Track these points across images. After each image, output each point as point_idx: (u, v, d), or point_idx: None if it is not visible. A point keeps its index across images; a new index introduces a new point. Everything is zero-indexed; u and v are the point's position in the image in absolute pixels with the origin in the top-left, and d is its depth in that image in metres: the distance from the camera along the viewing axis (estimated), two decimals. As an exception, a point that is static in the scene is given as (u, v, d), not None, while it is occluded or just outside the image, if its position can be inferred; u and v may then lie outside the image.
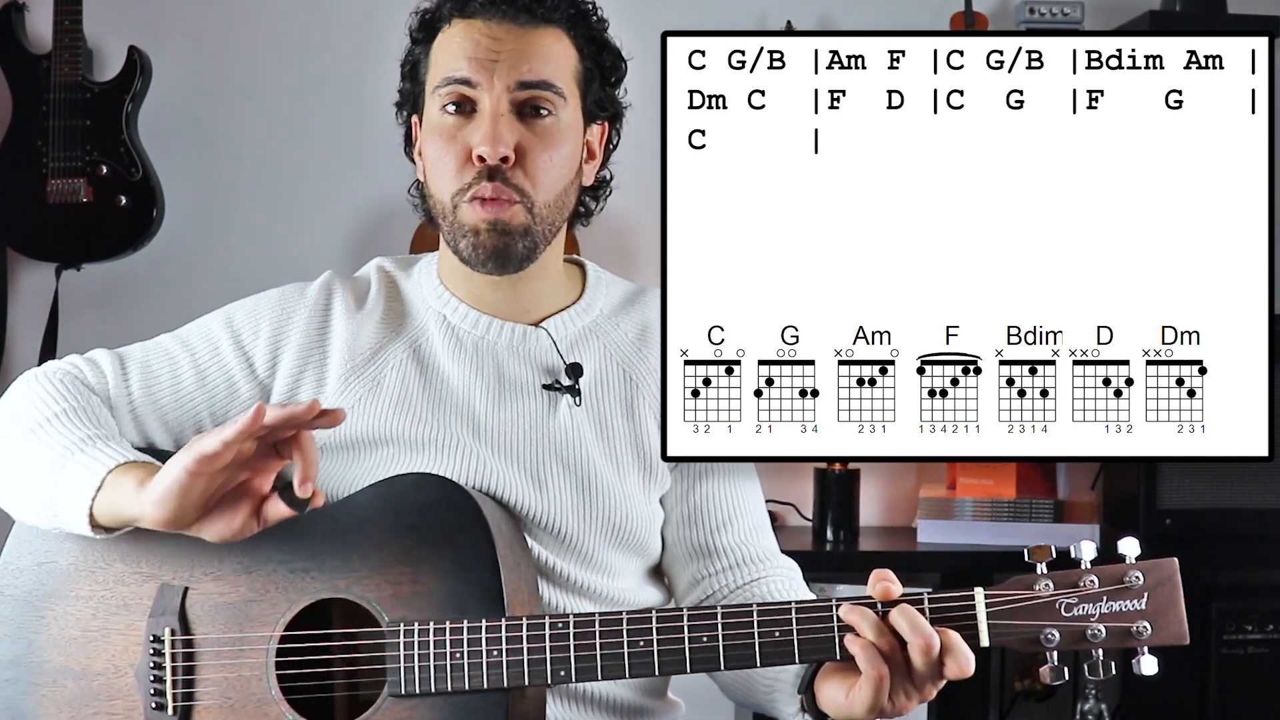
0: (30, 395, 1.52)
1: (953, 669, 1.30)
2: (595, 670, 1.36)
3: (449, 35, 1.53)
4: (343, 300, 1.59)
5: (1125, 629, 1.31)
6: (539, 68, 1.51)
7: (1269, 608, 3.06)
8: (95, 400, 1.53)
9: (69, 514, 1.42)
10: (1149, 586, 1.31)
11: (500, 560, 1.40)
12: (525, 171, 1.50)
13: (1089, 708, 3.17)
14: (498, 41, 1.50)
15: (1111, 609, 1.31)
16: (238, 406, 1.56)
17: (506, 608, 1.39)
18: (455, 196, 1.51)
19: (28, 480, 1.46)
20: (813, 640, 1.34)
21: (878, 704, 1.32)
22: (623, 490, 1.57)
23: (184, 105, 3.32)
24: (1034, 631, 1.31)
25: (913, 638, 1.30)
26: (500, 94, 1.49)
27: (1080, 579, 1.32)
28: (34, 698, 1.48)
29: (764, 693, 1.52)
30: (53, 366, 1.58)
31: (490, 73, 1.49)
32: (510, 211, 1.50)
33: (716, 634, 1.35)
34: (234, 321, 1.59)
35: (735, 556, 1.61)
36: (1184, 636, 1.31)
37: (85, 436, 1.44)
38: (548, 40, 1.52)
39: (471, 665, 1.37)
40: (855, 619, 1.32)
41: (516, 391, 1.57)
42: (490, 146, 1.48)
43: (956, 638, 1.30)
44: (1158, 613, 1.31)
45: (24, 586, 1.51)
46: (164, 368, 1.57)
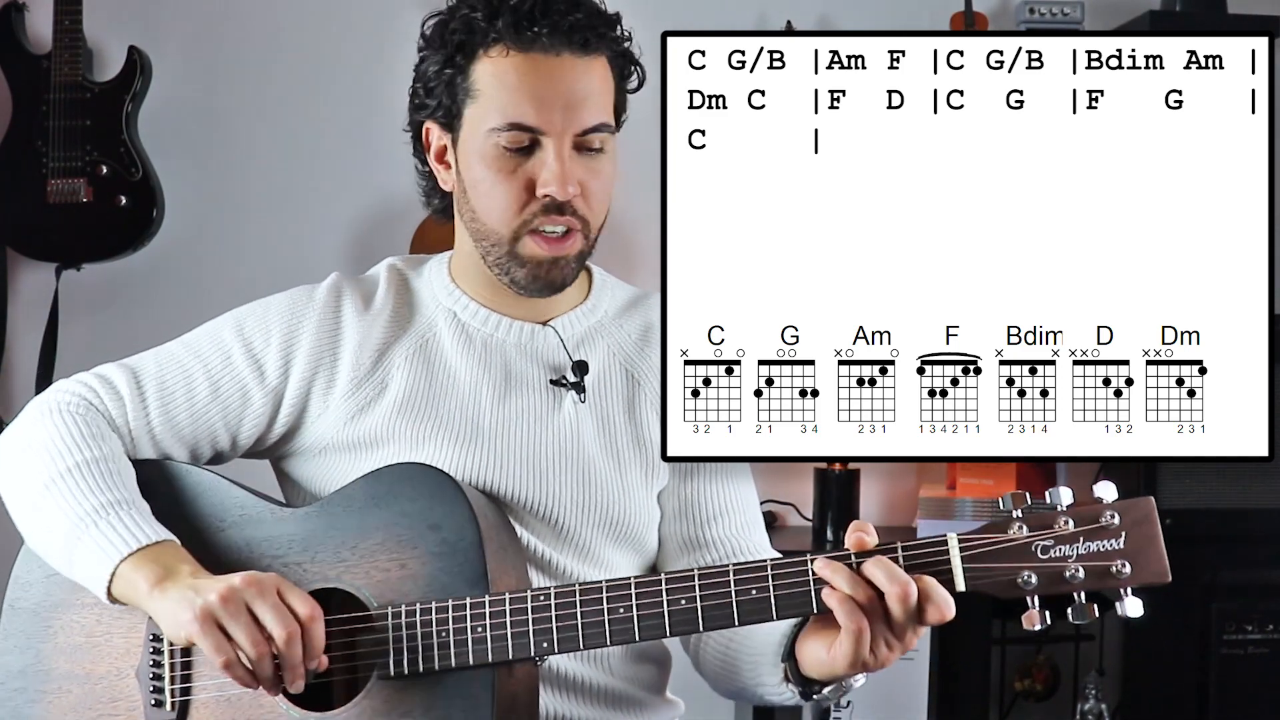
0: (53, 434, 1.52)
1: (933, 614, 1.30)
2: (577, 639, 1.38)
3: (503, 66, 1.51)
4: (352, 302, 1.60)
5: (1104, 568, 1.30)
6: (596, 110, 1.52)
7: (1269, 608, 3.06)
8: (116, 445, 1.53)
9: (85, 582, 1.46)
10: (1126, 526, 1.30)
11: (484, 543, 1.42)
12: (587, 203, 1.54)
13: (1089, 708, 3.17)
14: (557, 81, 1.50)
15: (1089, 549, 1.30)
16: (251, 415, 1.57)
17: (490, 588, 1.40)
18: (517, 229, 1.53)
19: (47, 529, 1.48)
20: (789, 596, 1.35)
21: (859, 657, 1.32)
22: (623, 486, 1.58)
23: (184, 105, 3.32)
24: (1010, 574, 1.30)
25: (889, 586, 1.30)
26: (566, 138, 1.51)
27: (1055, 520, 1.31)
28: (40, 705, 1.50)
29: (749, 671, 1.52)
30: (71, 397, 1.56)
31: (555, 118, 1.50)
32: (570, 244, 1.54)
33: (695, 595, 1.36)
34: (245, 329, 1.59)
35: (725, 550, 1.62)
36: (1165, 574, 1.30)
37: (103, 504, 1.45)
38: (596, 73, 1.53)
39: (457, 643, 1.39)
40: (829, 573, 1.32)
41: (522, 387, 1.58)
42: (560, 188, 1.50)
43: (933, 582, 1.31)
44: (1137, 551, 1.30)
45: (33, 599, 1.52)
46: (179, 384, 1.57)
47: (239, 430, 1.58)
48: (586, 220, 1.55)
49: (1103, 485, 1.32)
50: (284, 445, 1.60)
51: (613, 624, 1.38)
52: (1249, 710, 3.06)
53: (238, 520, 1.50)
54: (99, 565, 1.43)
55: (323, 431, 1.57)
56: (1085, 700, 3.18)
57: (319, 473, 1.58)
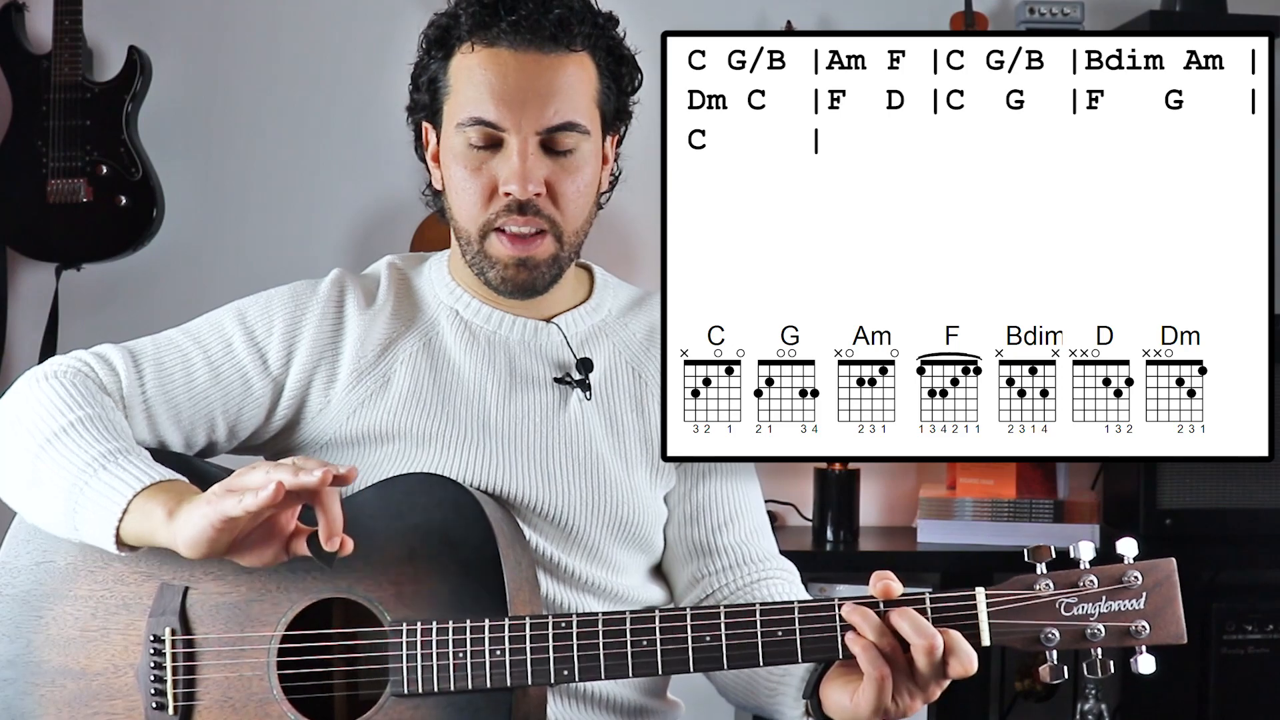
0: (42, 399, 1.49)
1: (956, 669, 1.31)
2: (598, 670, 1.37)
3: (470, 62, 1.51)
4: (354, 297, 1.60)
5: (1124, 628, 1.31)
6: (565, 108, 1.50)
7: (1269, 608, 3.05)
8: (109, 404, 1.50)
9: (92, 532, 1.41)
10: (1147, 586, 1.32)
11: (502, 559, 1.40)
12: (554, 202, 1.52)
13: (1089, 708, 3.17)
14: (524, 76, 1.49)
15: (1110, 608, 1.32)
16: (251, 403, 1.56)
17: (509, 607, 1.39)
18: (483, 227, 1.53)
19: (46, 493, 1.44)
20: (815, 640, 1.34)
21: (881, 704, 1.32)
22: (630, 485, 1.58)
23: (184, 105, 3.32)
24: (1034, 631, 1.32)
25: (916, 639, 1.30)
26: (528, 135, 1.50)
27: (1080, 579, 1.32)
28: (33, 698, 1.47)
29: (766, 695, 1.52)
30: (61, 365, 1.53)
31: (518, 115, 1.49)
32: (539, 246, 1.53)
33: (720, 634, 1.35)
34: (246, 317, 1.58)
35: (735, 556, 1.62)
36: (1182, 636, 1.32)
37: (105, 452, 1.42)
38: (571, 70, 1.51)
39: (475, 665, 1.38)
40: (857, 619, 1.32)
41: (527, 385, 1.58)
42: (520, 185, 1.49)
43: (959, 637, 1.31)
44: (1156, 612, 1.32)
45: (22, 586, 1.50)
46: (177, 365, 1.55)
47: (238, 418, 1.56)
48: (555, 222, 1.53)
49: (1125, 542, 1.33)
50: (280, 441, 1.59)
51: (635, 656, 1.36)
52: (1249, 710, 3.06)
53: (241, 520, 1.49)
54: (107, 509, 1.38)
55: (324, 426, 1.56)
56: (1085, 700, 3.18)
57: (322, 469, 1.57)
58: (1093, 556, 1.33)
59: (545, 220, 1.52)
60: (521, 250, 1.52)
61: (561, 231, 1.54)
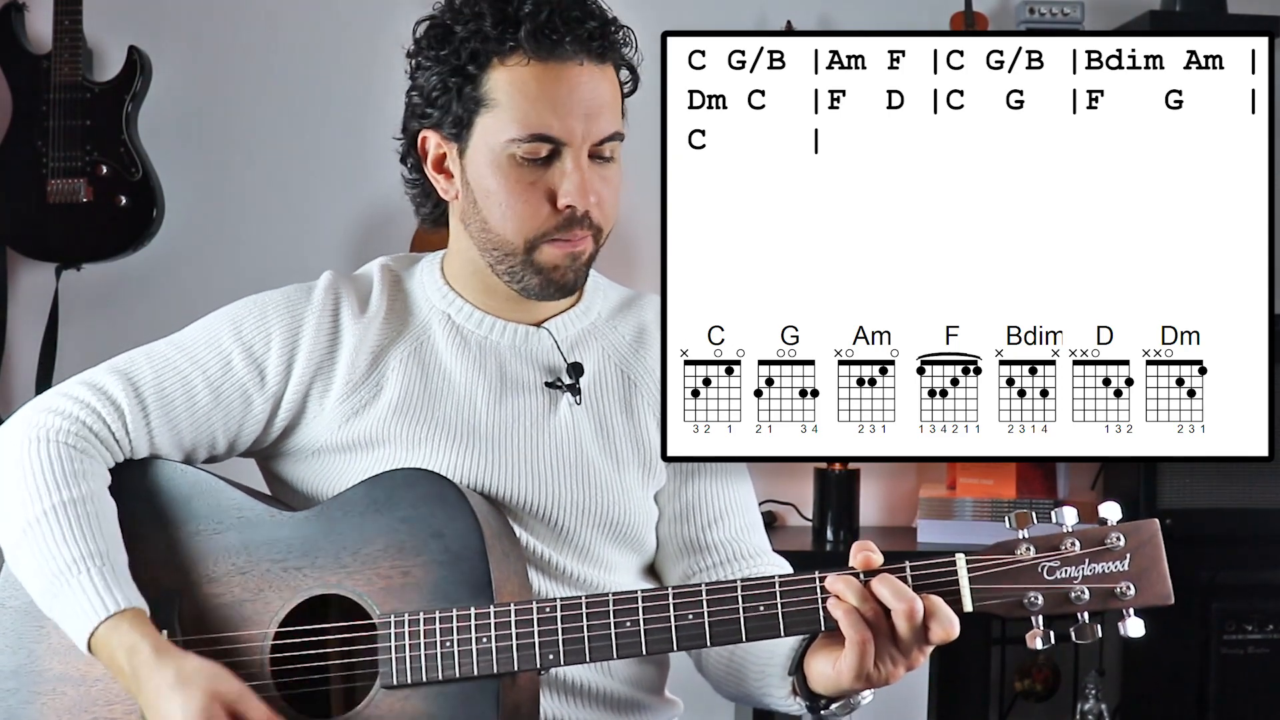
0: (31, 470, 1.49)
1: (938, 633, 1.32)
2: (583, 652, 1.38)
3: (522, 76, 1.50)
4: (349, 305, 1.59)
5: (1109, 590, 1.31)
6: (611, 119, 1.52)
7: (1269, 608, 3.06)
8: (96, 477, 1.50)
9: (67, 632, 1.45)
10: (1131, 547, 1.32)
11: (488, 550, 1.41)
12: (601, 211, 1.54)
13: (1089, 708, 3.17)
14: (574, 90, 1.50)
15: (1094, 570, 1.31)
16: (251, 420, 1.56)
17: (495, 596, 1.40)
18: (535, 239, 1.53)
19: (26, 575, 1.47)
20: (797, 613, 1.35)
21: (863, 669, 1.33)
22: (621, 486, 1.58)
23: (184, 105, 3.32)
24: (1017, 595, 1.32)
25: (896, 603, 1.31)
26: (583, 149, 1.51)
27: (1061, 542, 1.32)
28: (35, 706, 1.49)
29: (755, 681, 1.53)
30: (60, 420, 1.52)
31: (575, 129, 1.50)
32: (585, 242, 1.55)
33: (702, 611, 1.36)
34: (243, 331, 1.58)
35: (726, 553, 1.62)
36: (1169, 596, 1.31)
37: (75, 558, 1.43)
38: (609, 81, 1.53)
39: (461, 653, 1.39)
40: (839, 587, 1.34)
41: (518, 389, 1.58)
42: (582, 199, 1.51)
43: (939, 601, 1.32)
44: (1140, 573, 1.31)
45: (24, 598, 1.51)
46: (178, 390, 1.55)
47: (238, 434, 1.57)
48: (600, 228, 1.55)
49: (1108, 506, 1.33)
50: (276, 446, 1.60)
51: (619, 637, 1.37)
52: (1249, 710, 3.06)
53: (236, 522, 1.50)
54: (78, 624, 1.42)
55: (317, 433, 1.57)
56: (1085, 700, 3.18)
57: (312, 474, 1.58)
58: (1075, 522, 1.33)
59: (594, 229, 1.54)
60: (571, 247, 1.54)
61: (601, 234, 1.56)
